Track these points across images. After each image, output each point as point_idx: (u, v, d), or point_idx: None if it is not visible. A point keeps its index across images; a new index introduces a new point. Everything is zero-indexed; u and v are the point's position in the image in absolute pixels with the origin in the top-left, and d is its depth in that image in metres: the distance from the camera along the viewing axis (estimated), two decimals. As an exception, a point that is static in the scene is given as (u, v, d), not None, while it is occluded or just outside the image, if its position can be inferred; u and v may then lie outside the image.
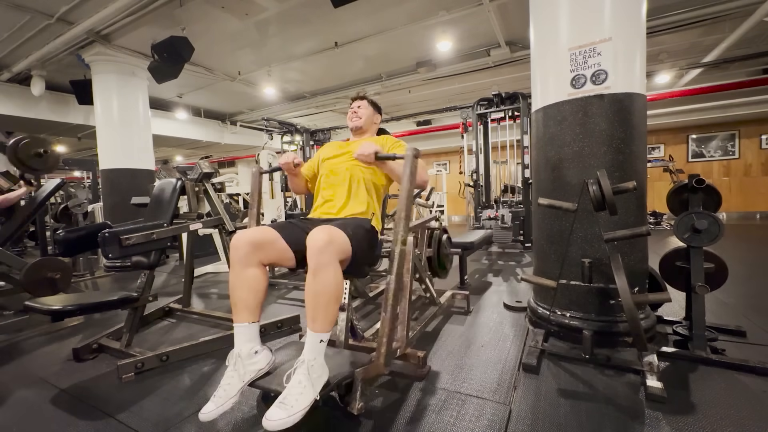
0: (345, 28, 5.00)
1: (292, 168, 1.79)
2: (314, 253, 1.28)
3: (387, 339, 1.35)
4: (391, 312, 1.37)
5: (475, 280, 3.54)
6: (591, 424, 1.32)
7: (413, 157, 1.47)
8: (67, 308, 1.75)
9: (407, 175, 1.45)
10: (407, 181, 1.44)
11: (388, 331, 1.35)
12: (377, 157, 1.57)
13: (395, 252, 1.41)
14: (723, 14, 4.56)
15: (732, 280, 2.06)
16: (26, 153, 2.75)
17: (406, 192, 1.44)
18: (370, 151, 1.55)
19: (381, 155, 1.57)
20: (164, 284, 3.94)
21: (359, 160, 1.60)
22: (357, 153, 1.58)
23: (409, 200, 1.44)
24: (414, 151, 1.48)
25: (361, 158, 1.57)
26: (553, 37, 2.06)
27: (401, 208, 1.44)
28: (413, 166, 1.46)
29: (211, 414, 1.17)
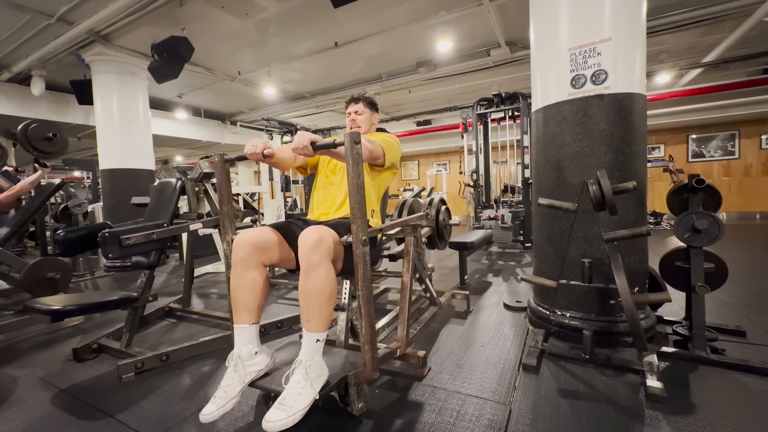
0: (345, 28, 5.00)
1: (261, 158, 1.45)
2: (305, 252, 1.28)
3: (369, 346, 1.29)
4: (367, 319, 1.28)
5: (475, 280, 3.54)
6: (591, 424, 1.32)
7: (353, 142, 1.24)
8: (67, 308, 1.75)
9: (350, 164, 1.24)
10: (352, 171, 1.24)
11: (369, 338, 1.29)
12: (315, 147, 1.35)
13: (356, 254, 1.25)
14: (723, 14, 4.56)
15: (732, 280, 2.06)
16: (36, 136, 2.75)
17: (354, 184, 1.25)
18: (305, 142, 1.33)
19: (319, 144, 1.35)
20: (164, 284, 3.94)
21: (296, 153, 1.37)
22: (292, 147, 1.37)
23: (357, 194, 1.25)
24: (353, 135, 1.24)
25: (298, 151, 1.35)
26: (553, 37, 2.06)
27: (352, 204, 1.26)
28: (355, 153, 1.25)
29: (212, 415, 1.17)
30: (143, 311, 2.20)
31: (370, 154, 1.62)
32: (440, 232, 2.96)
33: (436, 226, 2.91)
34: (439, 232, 2.95)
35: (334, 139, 1.35)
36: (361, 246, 1.25)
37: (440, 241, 2.98)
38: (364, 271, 1.25)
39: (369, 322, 1.29)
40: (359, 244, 1.25)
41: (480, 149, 5.50)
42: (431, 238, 2.89)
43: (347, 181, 1.27)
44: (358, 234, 1.25)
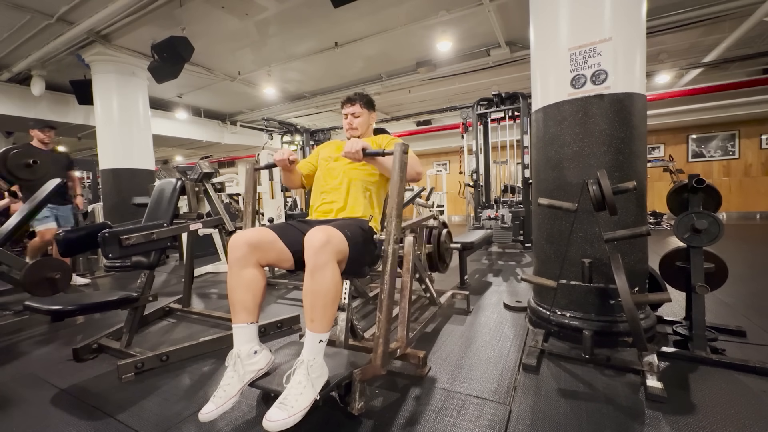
0: (345, 28, 5.00)
1: (287, 164, 1.72)
2: (312, 253, 1.28)
3: (383, 340, 1.34)
4: (386, 313, 1.36)
5: (475, 280, 3.54)
6: (591, 424, 1.32)
7: (402, 152, 1.43)
8: (67, 308, 1.75)
9: (396, 170, 1.42)
10: (397, 177, 1.41)
11: (384, 332, 1.34)
12: (365, 154, 1.53)
13: (388, 251, 1.39)
14: (723, 14, 4.56)
15: (732, 280, 2.06)
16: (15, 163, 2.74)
17: (396, 189, 1.41)
18: (357, 147, 1.52)
19: (369, 152, 1.53)
20: (164, 284, 3.94)
21: (347, 158, 1.57)
22: (344, 151, 1.55)
23: (400, 197, 1.41)
24: (403, 146, 1.44)
25: (349, 156, 1.54)
26: (553, 37, 2.06)
27: (392, 206, 1.41)
28: (402, 162, 1.43)
29: (211, 414, 1.17)
30: (143, 311, 2.20)
31: (417, 175, 1.70)
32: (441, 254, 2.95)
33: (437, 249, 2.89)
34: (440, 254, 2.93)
35: (384, 148, 1.55)
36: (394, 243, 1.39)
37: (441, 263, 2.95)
38: (391, 267, 1.38)
39: (387, 316, 1.35)
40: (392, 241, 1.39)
41: (480, 149, 5.50)
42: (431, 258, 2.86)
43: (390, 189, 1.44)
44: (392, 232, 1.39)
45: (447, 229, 3.04)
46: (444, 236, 2.98)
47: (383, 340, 1.34)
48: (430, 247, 2.80)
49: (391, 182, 1.44)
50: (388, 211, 1.43)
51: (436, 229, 2.88)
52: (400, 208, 1.41)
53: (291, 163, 1.73)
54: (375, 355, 1.35)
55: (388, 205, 1.44)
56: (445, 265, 3.01)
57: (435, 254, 2.87)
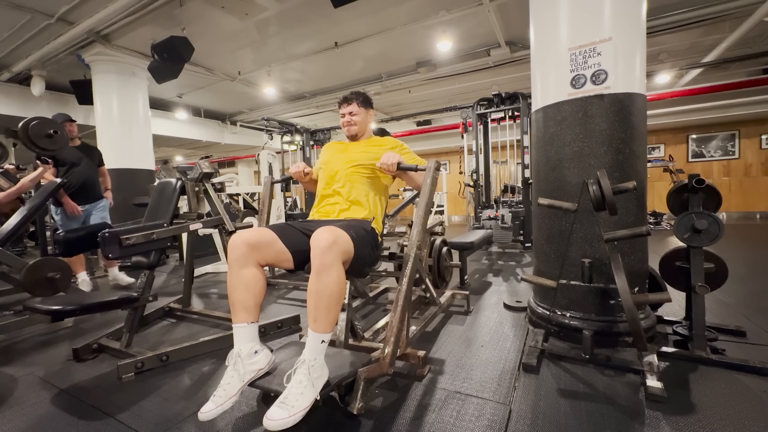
0: (345, 28, 5.01)
1: (302, 177, 1.92)
2: (318, 253, 1.28)
3: (395, 339, 1.37)
4: (400, 314, 1.41)
5: (475, 280, 3.54)
6: (591, 424, 1.32)
7: (435, 169, 1.62)
8: (67, 308, 1.75)
9: (428, 185, 1.59)
10: (427, 191, 1.58)
11: (396, 332, 1.37)
12: (399, 168, 1.68)
13: (410, 256, 1.49)
14: (723, 14, 4.56)
15: (732, 280, 2.06)
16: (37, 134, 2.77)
17: (425, 202, 1.57)
18: (393, 161, 1.67)
19: (403, 166, 1.69)
20: (164, 284, 3.94)
21: (382, 170, 1.69)
22: (380, 163, 1.69)
23: (427, 209, 1.57)
24: (435, 164, 1.63)
25: (384, 167, 1.67)
26: (553, 37, 2.06)
27: (419, 215, 1.57)
28: (434, 178, 1.61)
29: (210, 413, 1.17)
30: (143, 311, 2.20)
31: None
32: (441, 272, 2.95)
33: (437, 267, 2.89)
34: (440, 272, 2.94)
35: (417, 165, 1.69)
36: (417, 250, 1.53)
37: (441, 281, 2.97)
38: (411, 271, 1.50)
39: (401, 317, 1.41)
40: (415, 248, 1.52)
41: (480, 149, 5.50)
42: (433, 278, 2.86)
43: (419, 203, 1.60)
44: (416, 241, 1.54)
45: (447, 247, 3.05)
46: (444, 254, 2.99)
47: (394, 339, 1.38)
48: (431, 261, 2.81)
49: (421, 195, 1.62)
50: (415, 220, 1.58)
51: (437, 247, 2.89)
52: (426, 217, 1.57)
53: (306, 176, 1.93)
54: (384, 355, 1.36)
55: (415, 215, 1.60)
56: (445, 284, 3.03)
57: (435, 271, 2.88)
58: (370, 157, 1.80)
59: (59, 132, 2.85)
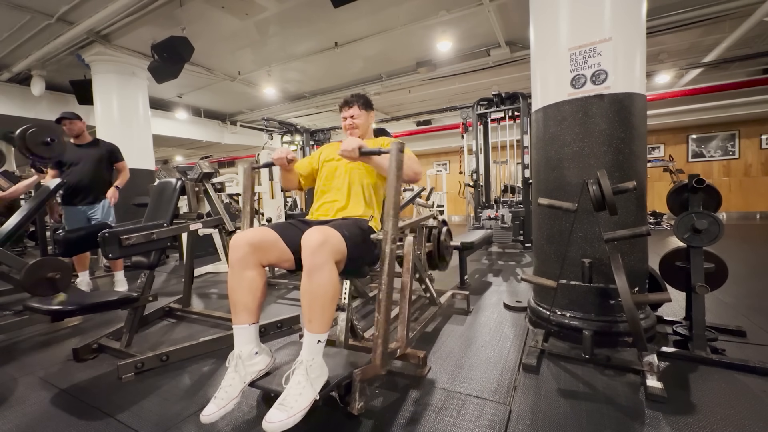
0: (345, 28, 5.01)
1: (285, 164, 1.71)
2: (309, 253, 1.28)
3: (382, 340, 1.33)
4: (384, 313, 1.35)
5: (475, 280, 3.54)
6: (591, 424, 1.32)
7: (398, 150, 1.40)
8: (67, 308, 1.75)
9: (393, 170, 1.39)
10: (393, 177, 1.39)
11: (383, 332, 1.33)
12: (362, 153, 1.51)
13: (385, 251, 1.36)
14: (723, 14, 4.57)
15: (732, 280, 2.05)
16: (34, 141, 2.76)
17: (393, 188, 1.38)
18: (353, 146, 1.49)
19: (365, 150, 1.51)
20: (164, 284, 3.94)
21: (343, 157, 1.54)
22: (341, 150, 1.52)
23: (396, 197, 1.39)
24: (399, 145, 1.41)
25: (345, 154, 1.51)
26: (553, 37, 2.06)
27: (388, 205, 1.38)
28: (399, 160, 1.40)
29: (213, 416, 1.17)
30: (143, 311, 2.20)
31: (415, 175, 1.69)
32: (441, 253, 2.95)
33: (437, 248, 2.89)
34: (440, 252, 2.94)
35: (380, 146, 1.52)
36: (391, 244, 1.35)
37: (441, 261, 2.97)
38: (389, 267, 1.36)
39: (386, 317, 1.34)
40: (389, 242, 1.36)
41: (480, 149, 5.50)
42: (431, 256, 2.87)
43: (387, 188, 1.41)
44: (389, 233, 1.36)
45: (447, 228, 3.05)
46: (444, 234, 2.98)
47: (382, 340, 1.34)
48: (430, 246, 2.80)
49: (387, 182, 1.41)
50: (385, 211, 1.40)
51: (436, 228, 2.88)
52: (396, 208, 1.38)
53: (290, 163, 1.72)
54: (374, 356, 1.34)
55: (385, 205, 1.41)
56: (445, 264, 3.01)
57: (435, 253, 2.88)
58: None
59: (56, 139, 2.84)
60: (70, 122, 3.40)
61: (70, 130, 3.41)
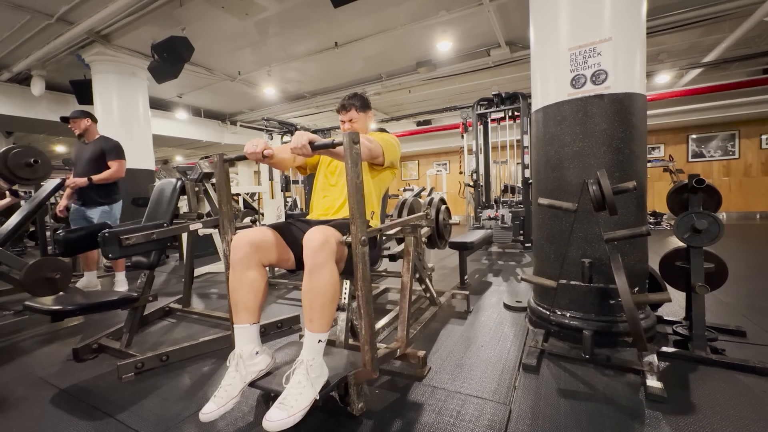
0: (345, 28, 5.00)
1: (260, 158, 1.43)
2: (310, 253, 1.28)
3: (369, 346, 1.28)
4: (366, 319, 1.28)
5: (475, 280, 3.54)
6: (591, 424, 1.32)
7: (352, 141, 1.22)
8: (67, 308, 1.75)
9: (349, 164, 1.23)
10: (351, 171, 1.23)
11: (369, 338, 1.28)
12: (314, 148, 1.33)
13: (356, 255, 1.24)
14: (723, 14, 4.56)
15: (732, 280, 2.06)
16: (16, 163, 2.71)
17: (353, 185, 1.23)
18: (303, 142, 1.31)
19: (317, 144, 1.33)
20: (164, 284, 3.94)
21: (295, 154, 1.35)
22: (291, 147, 1.35)
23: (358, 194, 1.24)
24: (352, 135, 1.22)
25: (296, 151, 1.33)
26: (553, 37, 2.06)
27: (352, 205, 1.24)
28: (354, 153, 1.23)
29: (212, 414, 1.17)
30: (143, 311, 2.20)
31: (369, 152, 1.61)
32: (440, 231, 2.97)
33: (436, 226, 2.92)
34: (439, 231, 2.96)
35: (333, 139, 1.34)
36: (361, 246, 1.24)
37: (440, 240, 2.99)
38: (363, 271, 1.24)
39: (369, 322, 1.29)
40: (358, 244, 1.24)
41: (480, 149, 5.50)
42: (431, 238, 2.90)
43: (346, 181, 1.25)
44: (357, 234, 1.24)
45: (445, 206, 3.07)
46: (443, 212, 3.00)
47: (369, 347, 1.29)
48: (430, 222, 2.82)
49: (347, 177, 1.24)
50: (350, 212, 1.26)
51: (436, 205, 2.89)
52: (361, 206, 1.25)
53: (265, 158, 1.45)
54: (364, 362, 1.31)
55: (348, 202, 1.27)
56: (444, 242, 3.03)
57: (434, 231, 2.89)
58: None
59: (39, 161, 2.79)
60: (73, 121, 3.34)
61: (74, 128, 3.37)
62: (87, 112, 3.42)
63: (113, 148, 3.44)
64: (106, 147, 3.40)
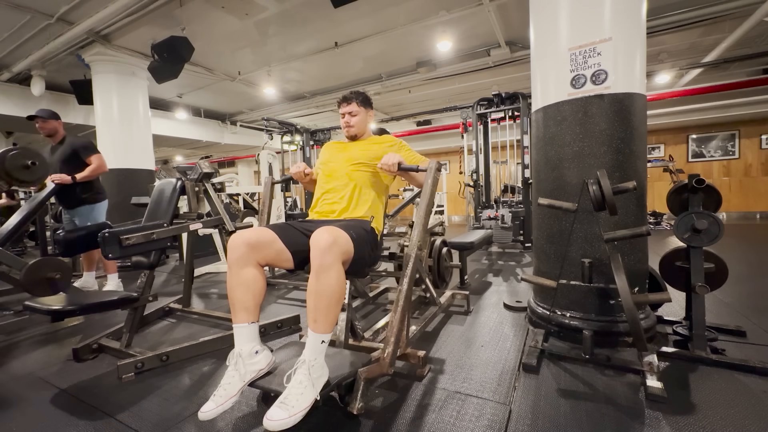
0: (345, 28, 5.00)
1: (303, 177, 1.91)
2: (318, 253, 1.28)
3: (395, 339, 1.37)
4: (401, 314, 1.40)
5: (475, 280, 3.54)
6: (591, 424, 1.32)
7: (436, 169, 1.59)
8: (67, 308, 1.75)
9: (428, 185, 1.57)
10: (428, 192, 1.57)
11: (397, 332, 1.37)
12: (400, 168, 1.65)
13: (411, 256, 1.47)
14: (723, 14, 4.56)
15: (732, 280, 2.06)
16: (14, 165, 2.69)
17: (426, 203, 1.56)
18: (394, 161, 1.63)
19: (404, 167, 1.66)
20: (164, 284, 3.94)
21: (383, 170, 1.66)
22: (381, 164, 1.66)
23: (428, 209, 1.57)
24: (437, 164, 1.60)
25: (385, 168, 1.64)
26: (553, 37, 2.06)
27: (420, 216, 1.56)
28: (435, 179, 1.58)
29: (211, 413, 1.17)
30: (143, 311, 2.20)
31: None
32: (441, 273, 2.97)
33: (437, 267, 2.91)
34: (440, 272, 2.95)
35: (418, 165, 1.67)
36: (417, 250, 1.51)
37: (441, 281, 2.99)
38: (411, 272, 1.48)
39: (402, 318, 1.40)
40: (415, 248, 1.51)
41: (480, 149, 5.50)
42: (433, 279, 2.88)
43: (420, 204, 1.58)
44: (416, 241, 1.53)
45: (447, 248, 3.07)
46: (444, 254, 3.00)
47: (395, 339, 1.38)
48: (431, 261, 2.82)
49: (422, 196, 1.59)
50: (416, 221, 1.57)
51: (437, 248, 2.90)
52: (427, 219, 1.56)
53: (306, 176, 1.91)
54: (384, 355, 1.36)
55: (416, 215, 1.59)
56: (445, 284, 3.04)
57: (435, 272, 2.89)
58: (370, 155, 1.80)
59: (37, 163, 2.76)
60: (42, 121, 3.16)
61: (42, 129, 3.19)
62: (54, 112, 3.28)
63: (86, 145, 3.27)
64: (78, 145, 3.23)
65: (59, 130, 3.29)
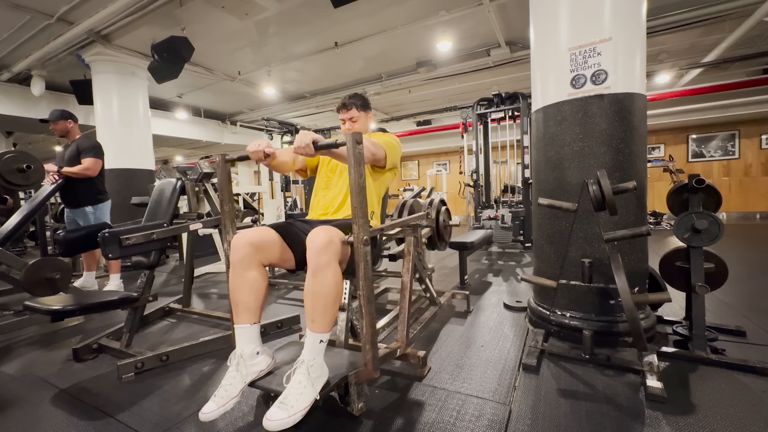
0: (345, 28, 5.00)
1: (262, 158, 1.48)
2: (314, 253, 1.28)
3: (370, 345, 1.29)
4: (367, 318, 1.29)
5: (475, 280, 3.54)
6: (591, 424, 1.32)
7: (355, 141, 1.23)
8: (67, 308, 1.75)
9: (351, 164, 1.24)
10: (354, 172, 1.24)
11: (370, 338, 1.29)
12: (317, 147, 1.35)
13: (358, 254, 1.26)
14: (723, 14, 4.57)
15: (732, 280, 2.06)
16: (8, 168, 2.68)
17: (355, 185, 1.24)
18: (306, 141, 1.33)
19: (320, 144, 1.34)
20: (164, 284, 3.94)
21: (298, 153, 1.37)
22: (294, 147, 1.37)
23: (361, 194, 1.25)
24: (355, 135, 1.23)
25: (299, 151, 1.35)
26: (553, 37, 2.06)
27: (354, 205, 1.25)
28: (357, 153, 1.24)
29: (212, 414, 1.17)
30: (143, 311, 2.20)
31: (373, 156, 1.62)
32: (440, 232, 2.98)
33: (436, 227, 2.92)
34: (439, 233, 2.96)
35: (336, 139, 1.35)
36: (363, 246, 1.25)
37: (440, 242, 2.99)
38: (365, 270, 1.26)
39: (370, 321, 1.29)
40: (360, 243, 1.25)
41: (480, 149, 5.50)
42: (431, 239, 2.90)
43: (349, 182, 1.26)
44: (360, 234, 1.25)
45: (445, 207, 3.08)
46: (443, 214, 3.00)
47: (370, 346, 1.30)
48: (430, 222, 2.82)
49: (349, 177, 1.26)
50: (352, 212, 1.27)
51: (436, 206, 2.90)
52: (363, 207, 1.26)
53: (267, 157, 1.49)
54: (365, 360, 1.32)
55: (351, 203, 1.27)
56: (444, 243, 3.04)
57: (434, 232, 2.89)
58: None
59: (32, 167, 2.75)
60: (53, 123, 3.25)
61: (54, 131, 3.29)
62: (67, 112, 3.33)
63: (90, 147, 3.30)
64: (83, 145, 3.28)
65: (71, 129, 3.32)
